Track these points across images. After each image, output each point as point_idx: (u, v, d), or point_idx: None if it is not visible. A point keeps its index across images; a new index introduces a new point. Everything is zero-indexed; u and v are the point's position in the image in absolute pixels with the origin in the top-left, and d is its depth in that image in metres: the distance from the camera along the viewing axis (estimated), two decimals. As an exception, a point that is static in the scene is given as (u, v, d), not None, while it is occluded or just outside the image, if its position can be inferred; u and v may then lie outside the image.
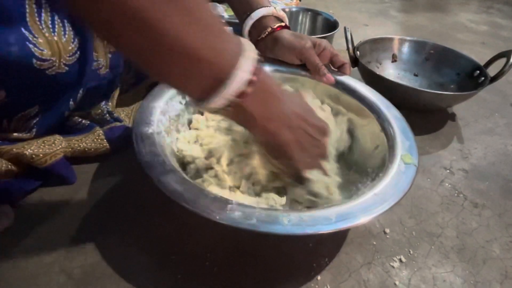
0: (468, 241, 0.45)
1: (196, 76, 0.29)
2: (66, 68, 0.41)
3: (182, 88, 0.32)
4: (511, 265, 0.43)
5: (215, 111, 0.32)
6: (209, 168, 0.43)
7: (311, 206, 0.41)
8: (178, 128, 0.48)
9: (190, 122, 0.50)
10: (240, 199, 0.38)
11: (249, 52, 0.30)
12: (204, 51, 0.27)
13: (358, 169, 0.46)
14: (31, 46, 0.37)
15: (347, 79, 0.53)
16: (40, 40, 0.38)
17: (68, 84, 0.43)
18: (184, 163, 0.44)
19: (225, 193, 0.39)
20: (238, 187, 0.42)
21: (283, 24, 0.55)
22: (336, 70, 0.54)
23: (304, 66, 0.54)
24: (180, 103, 0.48)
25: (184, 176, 0.35)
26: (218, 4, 0.90)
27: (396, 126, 0.44)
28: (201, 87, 0.30)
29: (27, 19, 0.37)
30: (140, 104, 0.45)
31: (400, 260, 0.42)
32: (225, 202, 0.32)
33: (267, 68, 0.55)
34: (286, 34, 0.53)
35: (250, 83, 0.30)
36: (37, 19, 0.38)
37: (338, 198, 0.40)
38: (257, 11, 0.54)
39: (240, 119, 0.35)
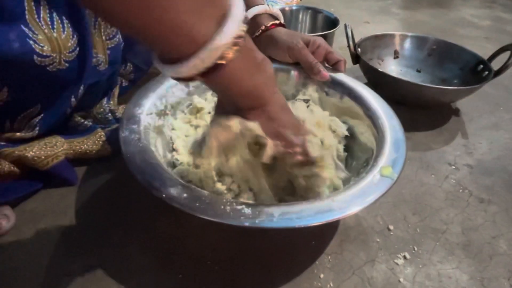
0: (474, 237, 0.44)
1: (173, 36, 0.24)
2: (67, 64, 0.41)
3: (154, 45, 0.26)
4: (519, 260, 0.42)
5: (184, 79, 0.27)
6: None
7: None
8: (176, 115, 0.48)
9: (190, 109, 0.50)
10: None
11: (236, 15, 0.25)
12: (187, 13, 0.23)
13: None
14: (31, 42, 0.37)
15: (354, 84, 0.51)
16: (40, 37, 0.38)
17: (69, 80, 0.44)
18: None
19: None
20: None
21: (277, 22, 0.54)
22: (331, 67, 0.54)
23: (299, 64, 0.54)
24: (182, 90, 0.48)
25: (155, 155, 0.36)
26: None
27: (389, 137, 0.41)
28: (175, 48, 0.25)
29: (26, 16, 0.37)
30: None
31: (405, 257, 0.41)
32: (181, 185, 0.32)
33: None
34: (279, 33, 0.53)
35: (228, 52, 0.25)
36: (36, 16, 0.38)
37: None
38: (251, 10, 0.53)
39: (216, 89, 0.32)
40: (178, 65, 0.25)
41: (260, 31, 0.53)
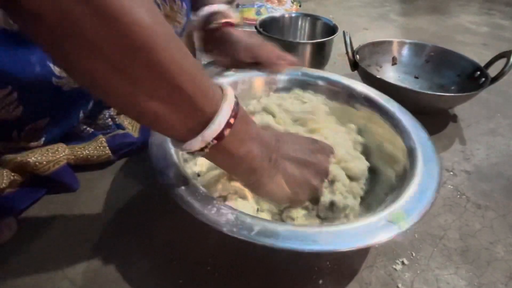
0: (472, 243, 0.45)
1: (183, 119, 0.29)
2: None
3: (164, 130, 0.31)
4: (516, 266, 0.42)
5: (192, 153, 0.31)
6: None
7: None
8: None
9: None
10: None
11: (230, 96, 0.31)
12: (197, 96, 0.28)
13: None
14: (51, 65, 0.38)
15: (388, 103, 0.52)
16: None
17: (80, 98, 0.45)
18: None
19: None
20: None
21: (232, 20, 0.57)
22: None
23: (255, 65, 0.55)
24: None
25: (182, 169, 0.36)
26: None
27: (419, 172, 0.37)
28: (185, 129, 0.30)
29: None
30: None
31: (403, 263, 0.41)
32: (211, 200, 0.33)
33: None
34: (236, 31, 0.56)
35: (228, 125, 0.30)
36: None
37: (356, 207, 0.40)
38: (207, 7, 0.56)
39: (218, 161, 0.35)
40: (184, 144, 0.30)
41: (216, 25, 0.56)
